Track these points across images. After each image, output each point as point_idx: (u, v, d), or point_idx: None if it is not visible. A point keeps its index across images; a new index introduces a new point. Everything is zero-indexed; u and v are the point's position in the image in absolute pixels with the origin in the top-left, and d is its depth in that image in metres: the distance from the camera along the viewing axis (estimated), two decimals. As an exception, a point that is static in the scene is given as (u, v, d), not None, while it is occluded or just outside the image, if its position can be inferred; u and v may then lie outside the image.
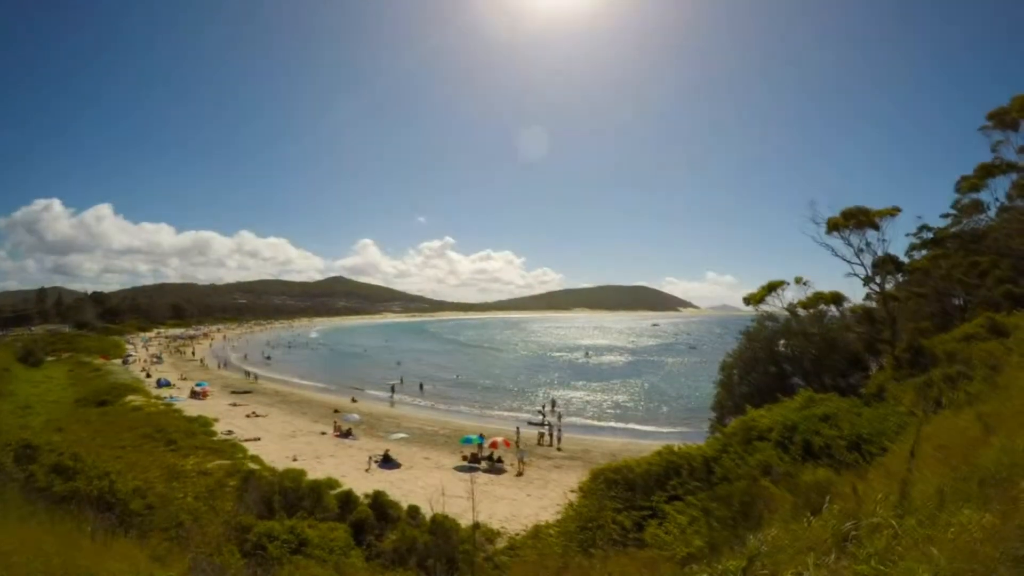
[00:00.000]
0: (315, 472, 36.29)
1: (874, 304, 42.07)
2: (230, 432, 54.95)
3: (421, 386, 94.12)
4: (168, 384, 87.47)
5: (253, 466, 38.16)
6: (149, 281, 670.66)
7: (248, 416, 65.05)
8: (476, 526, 24.77)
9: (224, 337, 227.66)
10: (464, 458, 48.24)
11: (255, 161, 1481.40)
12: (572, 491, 25.65)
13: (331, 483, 32.28)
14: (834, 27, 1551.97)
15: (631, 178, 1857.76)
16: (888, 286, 41.11)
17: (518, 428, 58.46)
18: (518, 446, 50.83)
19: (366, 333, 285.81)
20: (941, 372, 22.68)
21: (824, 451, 19.14)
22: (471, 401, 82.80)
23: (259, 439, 52.92)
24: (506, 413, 73.92)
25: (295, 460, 44.84)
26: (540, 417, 68.29)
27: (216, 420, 60.08)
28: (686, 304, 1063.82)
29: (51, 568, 8.50)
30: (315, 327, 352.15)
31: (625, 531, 18.88)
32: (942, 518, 6.52)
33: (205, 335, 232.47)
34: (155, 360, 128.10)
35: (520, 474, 44.93)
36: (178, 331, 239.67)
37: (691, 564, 10.64)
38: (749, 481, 17.92)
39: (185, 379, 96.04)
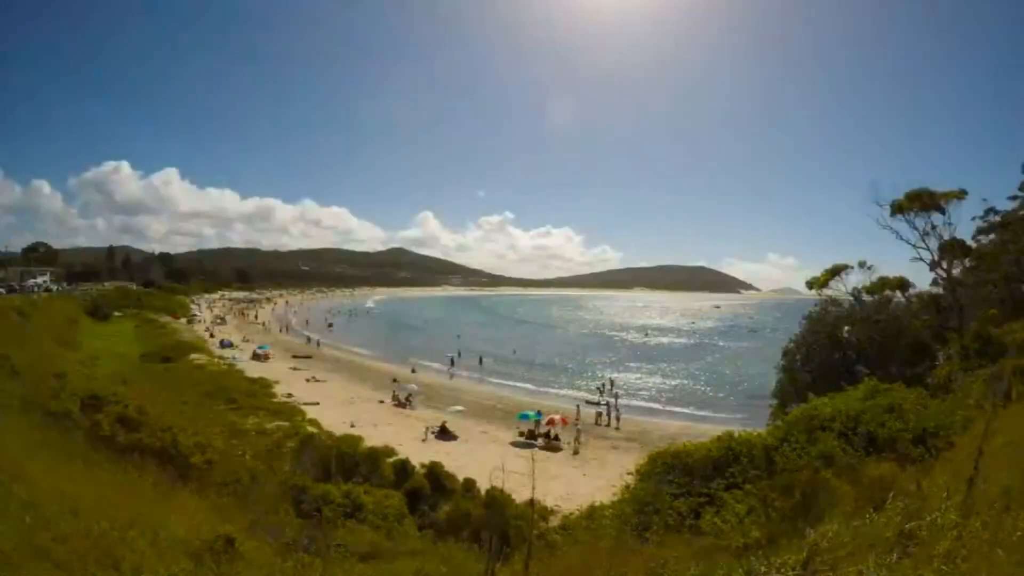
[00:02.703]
0: (372, 439, 36.62)
1: (941, 290, 40.65)
2: (290, 395, 55.86)
3: (481, 360, 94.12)
4: (231, 345, 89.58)
5: (312, 430, 38.70)
6: (214, 245, 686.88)
7: (308, 380, 66.06)
8: (532, 503, 24.62)
9: (287, 303, 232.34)
10: (521, 434, 48.13)
11: (318, 131, 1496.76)
12: (629, 473, 25.25)
13: (388, 451, 32.57)
14: (896, 7, 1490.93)
15: (691, 158, 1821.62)
16: (955, 271, 39.72)
17: (578, 406, 58.03)
18: (576, 425, 50.43)
19: (425, 305, 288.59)
20: (1012, 363, 21.67)
21: (888, 444, 18.50)
22: (529, 377, 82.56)
23: (318, 404, 53.63)
24: (563, 391, 73.49)
25: (353, 426, 45.16)
26: (598, 396, 67.80)
27: (276, 383, 61.16)
28: (747, 286, 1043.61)
29: (118, 517, 8.51)
30: (375, 297, 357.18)
31: (681, 517, 18.51)
32: (1008, 520, 6.18)
33: (268, 300, 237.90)
34: (219, 321, 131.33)
35: (576, 453, 44.64)
36: (242, 295, 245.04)
37: (748, 555, 10.23)
38: (810, 472, 17.39)
39: (247, 341, 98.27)
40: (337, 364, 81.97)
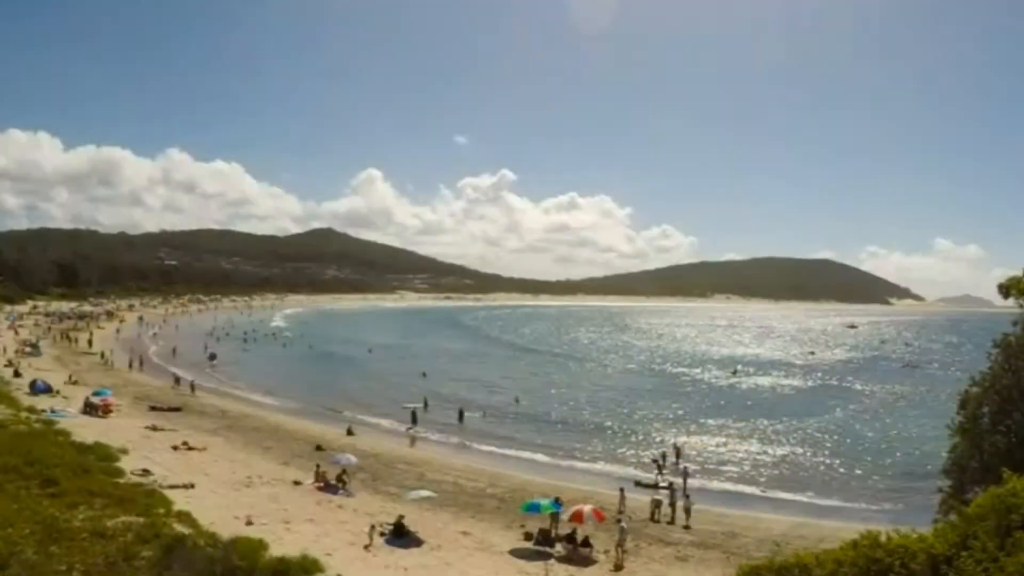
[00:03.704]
0: (283, 545, 36.53)
1: None
2: (146, 471, 55.45)
3: (461, 414, 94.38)
4: (48, 389, 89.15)
5: (182, 529, 38.54)
6: (21, 224, 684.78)
7: (177, 448, 66.00)
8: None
9: (141, 319, 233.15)
10: (528, 536, 47.85)
11: (185, 43, 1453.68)
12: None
13: (308, 565, 32.47)
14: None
15: (808, 89, 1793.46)
16: None
17: (622, 490, 57.77)
18: (619, 520, 50.18)
19: (370, 322, 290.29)
20: None
21: None
22: (540, 442, 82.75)
23: (193, 486, 53.32)
24: (597, 465, 73.73)
25: (250, 523, 44.95)
26: (655, 474, 67.55)
27: (124, 451, 60.69)
28: (900, 292, 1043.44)
29: None
30: (287, 308, 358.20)
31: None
32: None
33: (111, 314, 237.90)
34: (28, 350, 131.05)
35: (619, 568, 44.45)
36: (67, 306, 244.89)
37: None
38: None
39: (76, 383, 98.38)
40: (224, 420, 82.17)
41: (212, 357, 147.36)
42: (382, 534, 46.04)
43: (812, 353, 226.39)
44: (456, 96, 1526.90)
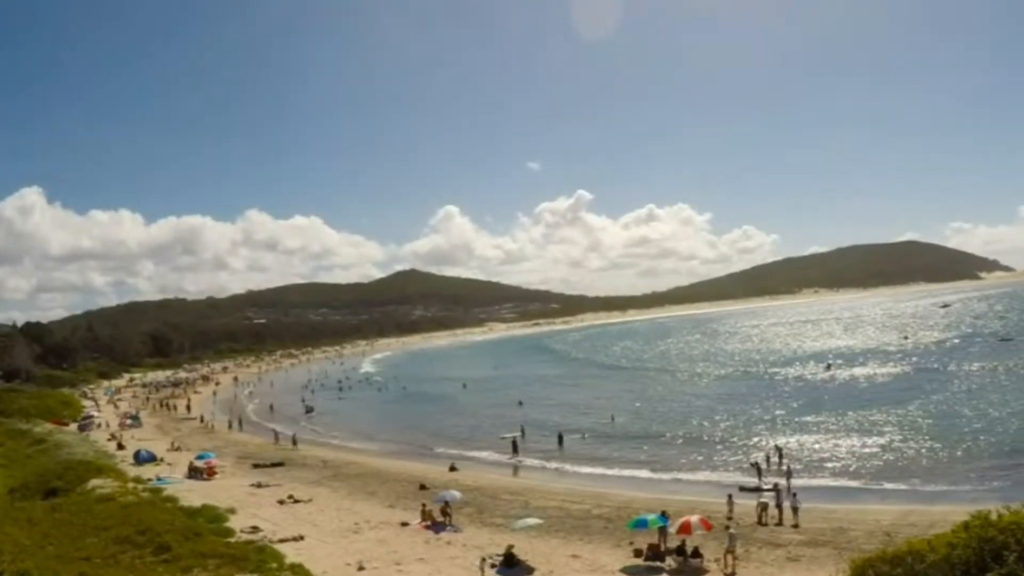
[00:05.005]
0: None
1: None
2: (255, 528, 55.94)
3: (560, 438, 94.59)
4: (152, 458, 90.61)
5: (295, 582, 38.84)
6: (110, 301, 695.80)
7: (282, 502, 66.65)
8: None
9: (235, 379, 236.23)
10: (638, 553, 47.50)
11: (250, 106, 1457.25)
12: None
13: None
14: None
15: (871, 68, 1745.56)
16: None
17: (729, 496, 57.53)
18: (728, 528, 49.78)
19: (460, 358, 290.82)
20: None
21: None
22: (641, 459, 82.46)
23: (302, 538, 53.65)
24: (699, 474, 73.50)
25: (362, 569, 45.27)
26: (757, 478, 67.02)
27: (232, 511, 61.42)
28: (991, 265, 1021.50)
29: None
30: (376, 354, 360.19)
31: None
32: None
33: (205, 379, 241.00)
34: (129, 422, 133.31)
35: (732, 575, 44.20)
36: (162, 375, 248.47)
37: None
38: None
39: (178, 449, 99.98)
40: (327, 471, 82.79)
41: (309, 410, 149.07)
42: (493, 566, 45.94)
43: (906, 338, 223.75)
44: (524, 123, 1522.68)
